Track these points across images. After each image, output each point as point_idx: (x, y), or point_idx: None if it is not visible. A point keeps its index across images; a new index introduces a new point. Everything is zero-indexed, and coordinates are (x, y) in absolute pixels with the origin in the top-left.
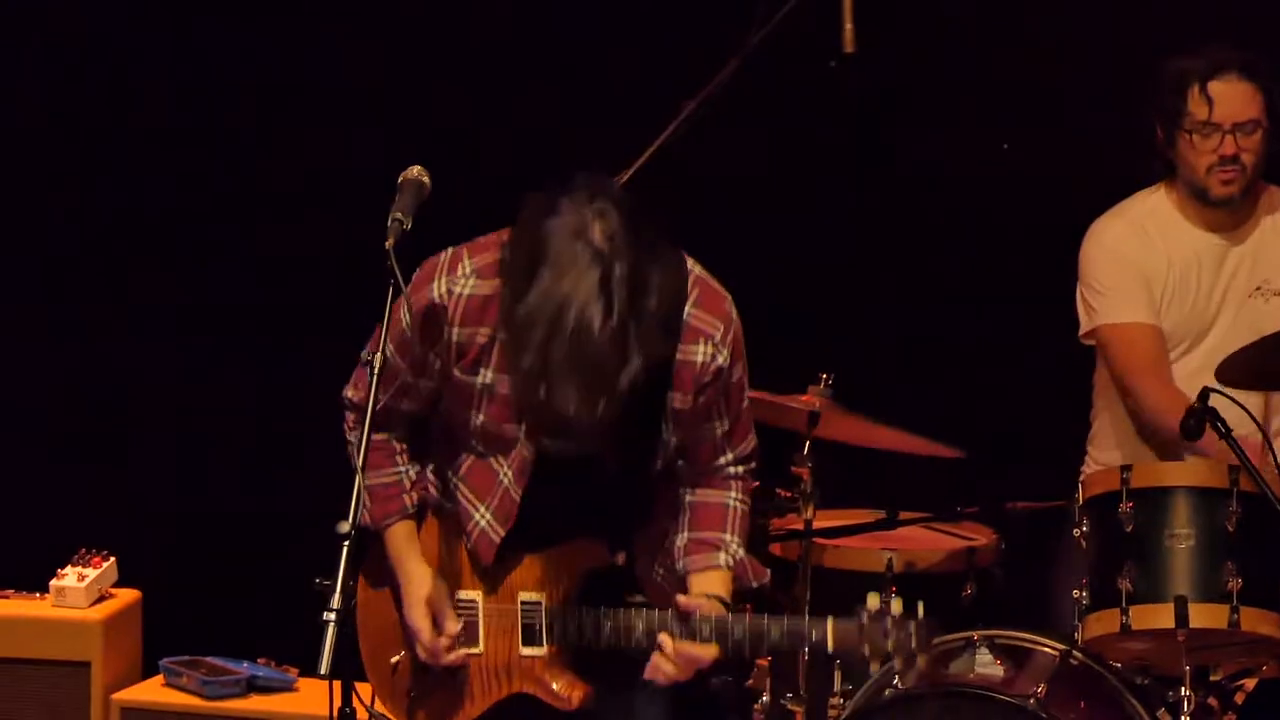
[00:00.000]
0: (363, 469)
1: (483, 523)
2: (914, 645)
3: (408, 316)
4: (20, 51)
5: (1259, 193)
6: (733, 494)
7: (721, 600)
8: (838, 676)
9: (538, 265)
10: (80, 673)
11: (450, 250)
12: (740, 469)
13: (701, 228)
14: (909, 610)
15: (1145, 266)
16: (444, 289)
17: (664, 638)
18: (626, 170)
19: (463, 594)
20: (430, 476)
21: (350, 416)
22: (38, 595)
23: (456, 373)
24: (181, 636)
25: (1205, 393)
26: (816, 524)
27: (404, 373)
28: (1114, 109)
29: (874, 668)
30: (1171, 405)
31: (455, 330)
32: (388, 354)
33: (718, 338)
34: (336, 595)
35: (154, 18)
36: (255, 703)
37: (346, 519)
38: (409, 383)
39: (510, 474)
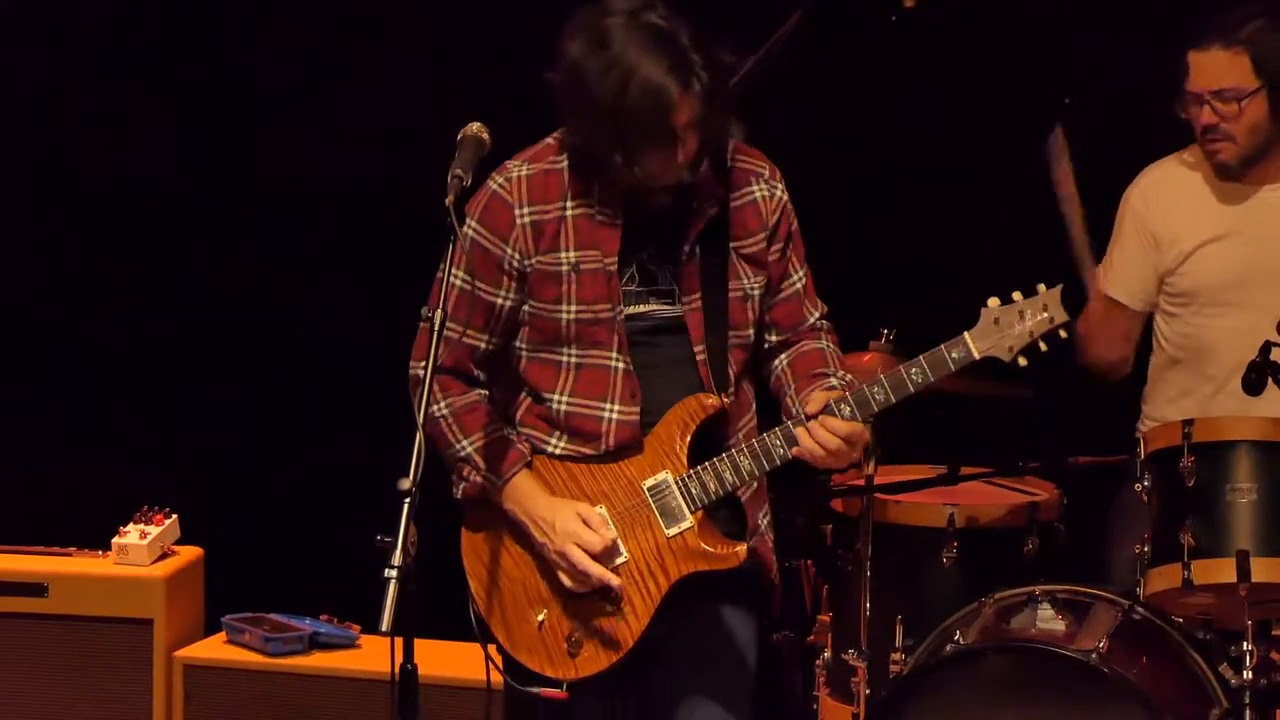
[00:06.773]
0: (422, 411)
1: (614, 415)
2: (1055, 318)
3: (475, 225)
4: None
5: None
6: (823, 341)
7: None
8: (899, 632)
9: (604, 50)
10: (143, 630)
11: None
12: (825, 322)
13: None
14: (1029, 290)
15: (1161, 223)
16: (500, 180)
17: (799, 430)
18: None
19: None
20: (525, 426)
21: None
22: (100, 553)
23: (538, 262)
24: (244, 593)
25: (1267, 346)
26: (878, 479)
27: (484, 291)
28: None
29: (1022, 362)
30: (1113, 369)
31: (525, 211)
32: (459, 281)
33: (766, 174)
34: (397, 552)
35: None
36: (317, 659)
37: (407, 475)
38: (489, 301)
39: (618, 356)
